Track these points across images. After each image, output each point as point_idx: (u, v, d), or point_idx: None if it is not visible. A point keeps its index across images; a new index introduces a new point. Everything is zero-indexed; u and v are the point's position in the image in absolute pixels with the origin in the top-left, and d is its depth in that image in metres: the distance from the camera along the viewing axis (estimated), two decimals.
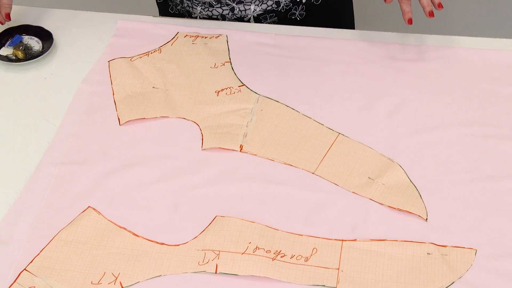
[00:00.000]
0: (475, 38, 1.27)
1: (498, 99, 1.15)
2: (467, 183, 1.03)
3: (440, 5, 1.11)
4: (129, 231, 0.98)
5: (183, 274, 0.94)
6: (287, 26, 1.30)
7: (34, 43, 1.26)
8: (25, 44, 1.25)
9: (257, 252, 0.95)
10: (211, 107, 1.15)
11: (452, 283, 0.92)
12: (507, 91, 1.16)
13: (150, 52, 1.25)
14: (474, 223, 0.98)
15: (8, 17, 1.21)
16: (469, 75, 1.19)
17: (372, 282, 0.92)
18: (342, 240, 0.97)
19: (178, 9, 1.37)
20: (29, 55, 1.23)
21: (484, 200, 1.01)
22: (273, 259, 0.95)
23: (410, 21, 1.13)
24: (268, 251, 0.95)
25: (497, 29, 2.00)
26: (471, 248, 0.95)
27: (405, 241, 0.97)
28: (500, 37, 1.27)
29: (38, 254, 0.95)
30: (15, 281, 0.92)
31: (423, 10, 1.13)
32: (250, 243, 0.96)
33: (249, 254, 0.95)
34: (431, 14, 1.11)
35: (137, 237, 0.97)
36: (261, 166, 1.06)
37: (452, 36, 1.26)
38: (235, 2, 1.20)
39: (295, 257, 0.95)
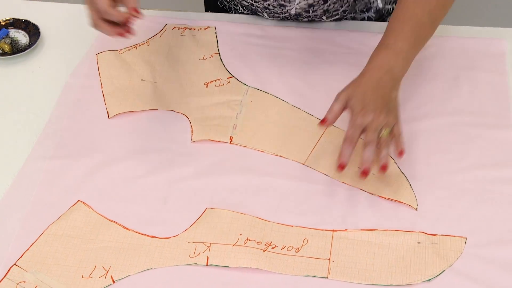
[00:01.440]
0: (464, 27, 1.27)
1: (487, 87, 1.15)
2: (456, 171, 1.04)
3: (401, 153, 0.98)
4: (120, 225, 0.98)
5: (174, 266, 0.94)
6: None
7: (21, 36, 1.25)
8: (11, 38, 1.24)
9: (248, 243, 0.95)
10: (200, 99, 1.15)
11: (443, 271, 0.92)
12: (495, 80, 1.17)
13: (138, 45, 1.24)
14: (464, 212, 0.99)
15: (135, 10, 0.98)
16: (458, 64, 1.19)
17: (363, 272, 0.92)
18: (333, 231, 0.97)
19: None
20: (16, 49, 1.23)
21: (474, 189, 1.01)
22: (264, 250, 0.95)
23: (340, 166, 0.97)
24: (259, 243, 0.95)
25: (485, 18, 2.00)
26: (461, 237, 0.96)
27: (395, 230, 0.97)
28: (488, 26, 1.27)
29: (28, 249, 0.95)
30: (5, 276, 0.92)
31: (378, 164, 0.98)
32: (240, 234, 0.96)
33: (240, 246, 0.95)
34: (383, 168, 0.97)
35: (128, 230, 0.97)
36: (251, 157, 1.06)
37: (441, 25, 1.26)
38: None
39: (286, 248, 0.95)
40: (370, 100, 0.97)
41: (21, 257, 0.94)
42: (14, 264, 0.93)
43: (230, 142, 1.09)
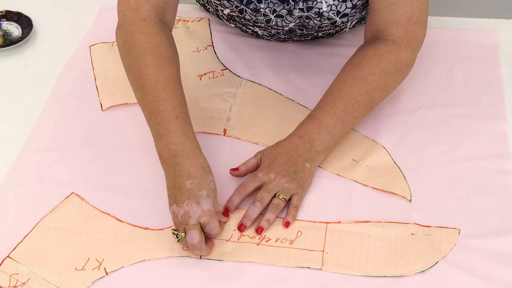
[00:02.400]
0: (458, 18, 1.27)
1: (480, 79, 1.15)
2: (450, 163, 1.04)
3: (287, 224, 0.96)
4: (113, 217, 0.98)
5: (168, 258, 0.93)
6: None
7: (14, 28, 1.24)
8: (4, 30, 1.24)
9: (242, 239, 0.95)
10: (194, 91, 1.14)
11: (436, 262, 0.92)
12: (489, 71, 1.17)
13: None
14: (457, 203, 0.99)
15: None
16: (451, 56, 1.19)
17: (356, 263, 0.92)
18: (327, 223, 0.97)
19: None
20: (9, 41, 1.22)
21: (467, 180, 1.01)
22: (258, 244, 0.94)
23: (225, 213, 0.97)
24: (252, 237, 0.95)
25: (479, 9, 2.00)
26: (455, 228, 0.96)
27: (389, 222, 0.97)
28: (482, 17, 1.27)
29: (21, 241, 0.94)
30: None
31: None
32: (234, 230, 0.96)
33: (234, 241, 0.95)
34: (257, 231, 0.95)
35: (121, 222, 0.97)
36: (245, 149, 1.06)
37: (435, 17, 1.26)
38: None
39: (279, 240, 0.95)
40: (279, 162, 0.97)
41: (14, 249, 0.94)
42: (7, 256, 0.93)
43: (224, 134, 1.09)
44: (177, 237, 0.91)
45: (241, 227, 0.95)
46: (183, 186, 0.90)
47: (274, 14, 1.08)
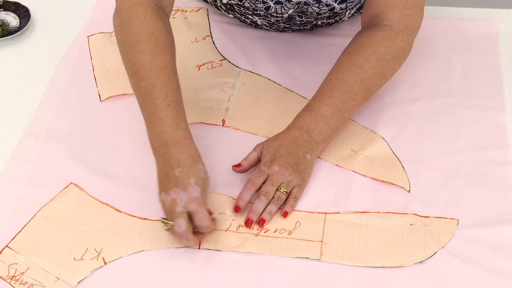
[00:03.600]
0: (457, 8, 1.27)
1: (480, 69, 1.15)
2: (449, 154, 1.04)
3: (285, 214, 0.97)
4: (112, 207, 0.98)
5: (166, 249, 0.93)
6: None
7: (11, 19, 1.24)
8: (1, 20, 1.23)
9: (240, 229, 0.95)
10: (192, 81, 1.14)
11: (435, 253, 0.92)
12: (488, 61, 1.16)
13: None
14: (456, 194, 0.99)
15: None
16: (450, 46, 1.19)
17: (355, 254, 0.92)
18: (325, 213, 0.97)
19: None
20: (6, 31, 1.22)
21: (466, 171, 1.01)
22: (256, 235, 0.94)
23: (236, 209, 0.96)
24: (251, 228, 0.95)
25: None
26: (453, 218, 0.96)
27: (387, 212, 0.97)
28: (481, 7, 1.26)
29: (20, 231, 0.94)
30: None
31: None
32: (233, 220, 0.96)
33: (232, 231, 0.95)
34: (259, 222, 0.95)
35: (120, 213, 0.97)
36: (244, 140, 1.06)
37: (434, 7, 1.26)
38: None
39: (278, 231, 0.95)
40: (281, 154, 0.97)
41: (13, 239, 0.93)
42: (6, 246, 0.93)
43: (223, 124, 1.09)
44: (166, 225, 0.91)
45: (247, 222, 0.95)
46: (172, 174, 0.90)
47: (273, 1, 1.07)
